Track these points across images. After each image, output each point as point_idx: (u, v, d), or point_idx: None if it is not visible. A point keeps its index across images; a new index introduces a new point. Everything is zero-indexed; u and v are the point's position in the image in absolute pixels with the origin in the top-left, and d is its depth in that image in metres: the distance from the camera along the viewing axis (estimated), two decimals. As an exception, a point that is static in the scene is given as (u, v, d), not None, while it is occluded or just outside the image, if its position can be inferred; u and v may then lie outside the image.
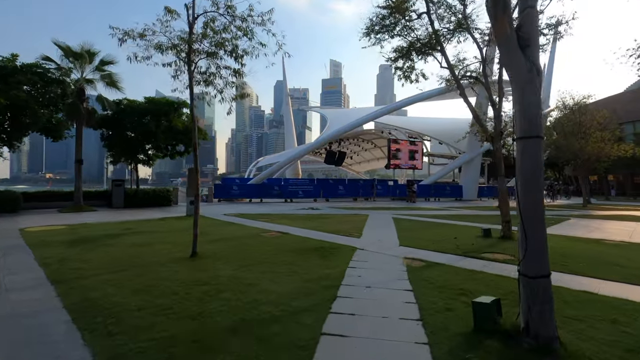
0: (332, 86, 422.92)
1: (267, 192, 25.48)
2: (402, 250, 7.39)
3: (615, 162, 23.41)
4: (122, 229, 9.81)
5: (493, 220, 13.65)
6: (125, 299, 4.16)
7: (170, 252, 6.77)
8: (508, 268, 5.89)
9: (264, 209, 17.46)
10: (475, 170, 30.10)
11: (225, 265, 5.76)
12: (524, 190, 2.87)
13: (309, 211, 16.51)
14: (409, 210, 17.99)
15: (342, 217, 14.00)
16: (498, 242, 8.44)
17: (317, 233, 9.49)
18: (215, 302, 4.07)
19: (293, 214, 14.74)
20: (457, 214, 16.63)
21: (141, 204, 18.54)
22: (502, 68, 8.79)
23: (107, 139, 20.12)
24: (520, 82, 2.83)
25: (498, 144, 8.57)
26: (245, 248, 7.22)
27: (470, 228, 11.14)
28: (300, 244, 7.82)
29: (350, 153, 50.90)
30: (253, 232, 9.41)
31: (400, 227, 10.97)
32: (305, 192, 26.23)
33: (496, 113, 8.65)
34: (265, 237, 8.63)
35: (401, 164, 36.94)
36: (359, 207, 20.08)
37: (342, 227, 10.72)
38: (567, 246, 8.12)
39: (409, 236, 9.15)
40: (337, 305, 4.04)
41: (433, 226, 11.58)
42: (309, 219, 13.02)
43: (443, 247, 7.69)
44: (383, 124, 45.17)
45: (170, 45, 5.89)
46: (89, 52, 17.08)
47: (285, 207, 18.87)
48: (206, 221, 11.84)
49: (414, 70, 9.72)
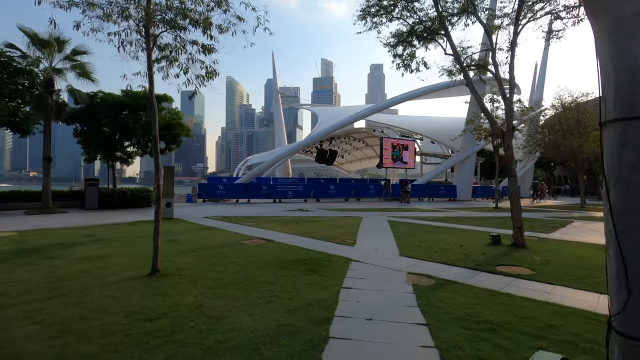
0: (324, 85, 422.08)
1: (255, 192, 24.29)
2: (404, 262, 6.37)
3: None
4: (81, 236, 8.57)
5: (495, 223, 12.77)
6: (41, 346, 3.02)
7: (126, 268, 5.60)
8: (535, 287, 4.90)
9: (250, 211, 16.30)
10: (469, 169, 29.39)
11: (191, 287, 4.64)
12: (624, 200, 1.83)
13: (298, 213, 15.41)
14: (404, 212, 17.03)
15: (334, 220, 12.95)
16: (510, 251, 7.48)
17: (306, 240, 8.42)
18: (161, 351, 2.95)
19: (281, 217, 13.62)
20: (455, 216, 15.73)
21: (118, 205, 17.18)
22: (513, 56, 7.85)
23: (81, 134, 18.70)
24: (619, 25, 1.79)
25: (509, 140, 7.61)
26: (219, 261, 6.09)
27: (474, 233, 10.19)
28: (285, 254, 6.72)
29: (341, 152, 49.93)
30: (233, 240, 8.28)
31: (397, 232, 9.96)
32: (295, 192, 25.11)
33: (507, 105, 7.68)
34: (246, 246, 7.51)
35: (393, 163, 36.09)
36: (351, 208, 19.06)
37: (334, 233, 9.66)
38: (596, 257, 7.19)
39: (409, 243, 8.14)
40: (330, 353, 2.96)
41: (433, 231, 10.60)
42: (298, 222, 11.93)
43: (450, 257, 6.70)
44: (375, 123, 44.37)
45: (121, 11, 4.70)
46: (58, 40, 15.63)
47: (273, 209, 17.73)
48: (183, 226, 10.64)
49: (414, 59, 8.72)
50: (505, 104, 7.74)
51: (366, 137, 48.21)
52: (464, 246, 7.86)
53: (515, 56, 7.74)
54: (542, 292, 4.75)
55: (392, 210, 17.67)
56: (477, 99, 8.20)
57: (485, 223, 12.80)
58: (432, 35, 8.17)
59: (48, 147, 16.06)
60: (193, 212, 15.41)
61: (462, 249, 7.60)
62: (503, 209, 19.96)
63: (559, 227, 12.33)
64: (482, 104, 8.18)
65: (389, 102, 28.10)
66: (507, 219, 14.54)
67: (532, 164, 39.14)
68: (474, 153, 29.18)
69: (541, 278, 5.40)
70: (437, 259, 6.54)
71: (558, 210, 20.55)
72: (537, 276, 5.51)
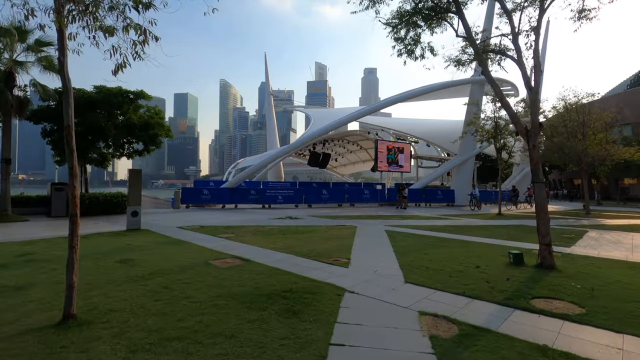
0: (318, 89, 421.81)
1: (243, 196, 22.76)
2: (412, 292, 4.97)
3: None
4: (15, 254, 7.02)
5: (504, 233, 11.44)
6: None
7: (39, 309, 4.11)
8: (598, 339, 3.52)
9: (233, 218, 14.80)
10: (467, 173, 28.22)
11: (108, 348, 3.17)
12: None
13: (286, 222, 13.96)
14: (401, 220, 15.67)
15: (325, 230, 11.52)
16: (539, 274, 6.11)
17: (290, 259, 6.98)
18: None
19: (266, 227, 12.15)
20: (459, 224, 14.41)
21: (89, 211, 15.56)
22: (538, 38, 6.54)
23: (49, 134, 17.08)
24: None
25: (535, 139, 6.27)
26: (171, 296, 4.63)
27: (486, 247, 8.83)
28: (260, 283, 5.28)
29: (335, 155, 48.57)
30: (201, 259, 6.80)
31: (398, 247, 8.56)
32: (285, 197, 23.65)
33: (532, 97, 6.35)
34: (214, 270, 6.04)
35: (388, 167, 34.83)
36: (345, 214, 17.66)
37: (325, 248, 8.24)
38: None
39: (414, 263, 6.74)
40: None
41: (438, 244, 9.23)
42: (284, 233, 10.47)
43: (469, 285, 5.31)
44: (369, 125, 43.19)
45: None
46: (20, 29, 14.05)
47: (260, 216, 16.25)
48: (148, 239, 9.12)
49: (419, 43, 7.38)
50: (530, 95, 6.41)
51: (360, 140, 46.96)
52: (480, 267, 6.49)
53: (539, 37, 6.43)
54: (611, 347, 3.38)
55: (388, 218, 16.29)
56: (497, 90, 6.82)
57: (494, 234, 11.48)
58: (441, 14, 6.84)
59: (7, 146, 14.44)
60: (169, 220, 13.86)
61: (480, 271, 6.23)
62: (507, 216, 18.71)
63: (576, 238, 11.07)
64: (501, 96, 6.82)
65: (384, 102, 26.81)
66: (516, 229, 13.31)
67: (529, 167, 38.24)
68: (472, 156, 28.04)
69: (597, 320, 4.04)
70: (454, 288, 5.16)
71: (562, 216, 19.37)
72: (590, 317, 4.14)
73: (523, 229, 13.06)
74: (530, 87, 6.32)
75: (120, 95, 16.03)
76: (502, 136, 18.72)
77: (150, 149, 18.06)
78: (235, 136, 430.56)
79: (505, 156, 19.04)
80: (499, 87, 6.83)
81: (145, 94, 16.63)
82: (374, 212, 20.14)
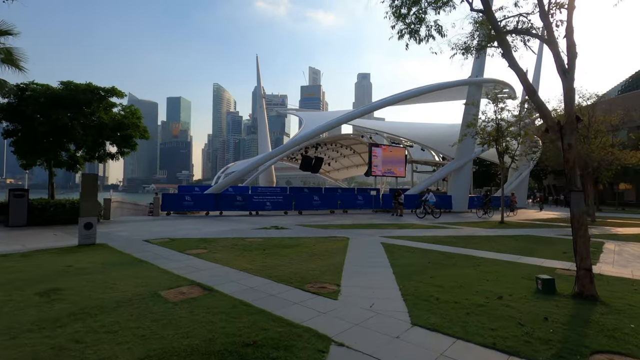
0: (311, 93, 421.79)
1: (228, 203, 21.28)
2: (423, 342, 3.60)
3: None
4: None
5: (515, 246, 10.10)
6: None
7: None
8: None
9: (213, 228, 13.32)
10: (465, 178, 27.06)
11: None
12: None
13: (271, 232, 12.53)
14: (399, 229, 14.34)
15: (313, 243, 10.12)
16: (582, 309, 4.78)
17: (266, 287, 5.57)
18: None
19: (246, 239, 10.71)
20: (462, 234, 13.11)
21: (53, 220, 14.02)
22: (572, 14, 5.28)
23: (12, 134, 15.47)
24: None
25: (572, 137, 4.99)
26: (71, 357, 3.20)
27: (502, 266, 7.50)
28: (215, 329, 3.85)
29: (328, 159, 47.29)
30: (151, 288, 5.36)
31: (398, 267, 7.20)
32: (274, 204, 22.21)
33: (567, 85, 5.06)
34: (161, 306, 4.60)
35: (383, 171, 33.61)
36: (337, 223, 16.28)
37: (310, 269, 6.85)
38: None
39: (419, 292, 5.38)
40: None
41: (445, 262, 7.89)
42: (265, 248, 9.05)
43: (496, 330, 3.95)
44: (363, 128, 42.07)
45: None
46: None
47: (244, 225, 14.80)
48: (98, 258, 7.63)
49: (423, 22, 6.09)
50: (564, 83, 5.13)
51: (354, 144, 45.76)
52: (504, 297, 5.15)
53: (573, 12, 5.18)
54: None
55: (384, 227, 14.94)
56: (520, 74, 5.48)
57: (503, 247, 10.19)
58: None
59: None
60: (139, 231, 12.35)
61: (505, 303, 4.89)
62: (511, 224, 17.49)
63: (596, 251, 9.79)
64: (525, 82, 5.52)
65: (377, 103, 25.43)
66: (525, 240, 11.98)
67: (527, 172, 37.28)
68: (470, 160, 26.91)
69: None
70: (478, 335, 3.80)
71: (567, 224, 18.20)
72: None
73: (532, 240, 11.81)
74: (564, 72, 5.05)
75: (89, 91, 14.49)
76: (504, 139, 17.56)
77: (124, 152, 16.51)
78: (228, 140, 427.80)
79: (507, 160, 17.84)
80: (522, 72, 5.54)
81: (118, 91, 15.12)
82: (368, 219, 18.79)
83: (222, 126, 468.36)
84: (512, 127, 17.28)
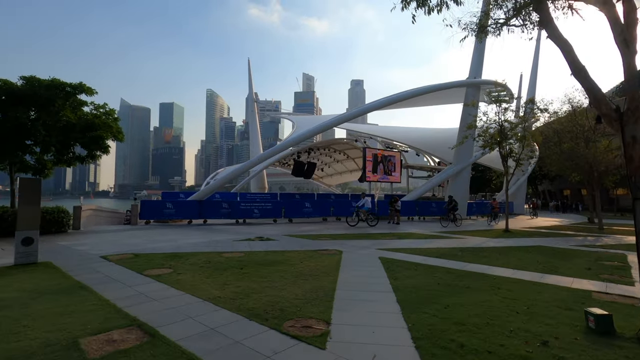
0: (305, 99, 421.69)
1: (214, 210, 19.80)
2: None
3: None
4: None
5: (529, 261, 8.79)
6: None
7: None
8: None
9: (190, 240, 11.86)
10: (464, 183, 25.90)
11: None
12: None
13: (254, 245, 11.12)
14: (397, 240, 13.02)
15: (300, 259, 8.74)
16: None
17: (231, 326, 4.19)
18: None
19: (223, 254, 9.29)
20: (468, 245, 11.83)
21: (12, 232, 12.44)
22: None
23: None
24: None
25: (637, 128, 3.74)
26: None
27: (529, 289, 6.18)
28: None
29: (321, 164, 45.95)
30: (74, 331, 3.94)
31: (402, 291, 5.85)
32: (262, 211, 20.76)
33: (630, 58, 3.80)
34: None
35: (377, 177, 32.37)
36: (329, 233, 14.91)
37: (293, 295, 5.47)
38: None
39: (435, 332, 4.04)
40: None
41: (457, 282, 6.56)
42: (243, 267, 7.64)
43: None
44: (357, 133, 40.95)
45: None
46: None
47: (226, 235, 13.35)
48: (34, 281, 6.15)
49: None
50: (625, 57, 3.83)
51: (347, 149, 44.58)
52: (550, 343, 3.83)
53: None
54: None
55: (381, 237, 13.61)
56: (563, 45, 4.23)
57: (520, 262, 8.91)
58: None
59: None
60: (104, 243, 10.84)
61: (553, 354, 3.57)
62: (516, 233, 16.26)
63: (624, 267, 8.57)
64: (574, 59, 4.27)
65: (370, 105, 24.20)
66: (540, 252, 10.23)
67: (525, 177, 36.35)
68: (469, 165, 25.79)
69: None
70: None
71: (575, 233, 17.06)
72: None
73: (547, 253, 10.55)
74: (626, 42, 3.82)
75: (53, 87, 13.01)
76: (507, 141, 16.43)
77: (95, 155, 15.00)
78: (221, 146, 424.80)
79: (512, 164, 16.69)
80: (568, 44, 4.31)
81: (87, 88, 13.66)
82: (363, 228, 17.46)
83: (216, 132, 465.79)
84: (518, 127, 16.15)
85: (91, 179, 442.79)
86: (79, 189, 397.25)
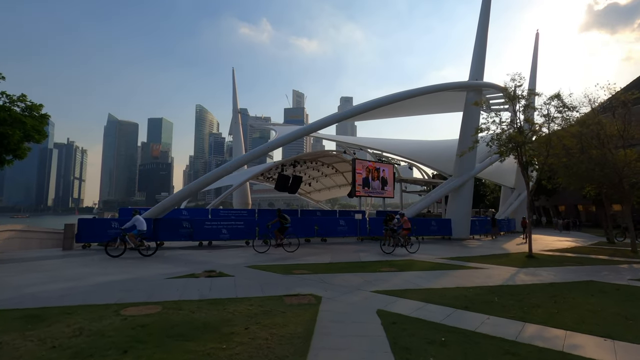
0: (295, 115, 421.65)
1: (171, 230, 16.21)
2: None
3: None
4: None
5: (600, 311, 5.60)
6: None
7: None
8: None
9: (98, 278, 8.29)
10: (466, 199, 22.83)
11: None
12: None
13: (190, 288, 7.62)
14: (399, 273, 9.67)
15: (247, 320, 5.34)
16: None
17: None
18: None
19: (123, 312, 5.82)
20: (497, 282, 8.53)
21: None
22: None
23: None
24: None
25: None
26: None
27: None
28: None
29: (308, 179, 42.64)
30: None
31: None
32: (232, 231, 17.25)
33: None
34: None
35: (368, 191, 29.18)
36: (308, 262, 11.52)
37: None
38: None
39: None
40: None
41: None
42: (129, 348, 4.20)
43: None
44: (346, 144, 38.06)
45: None
46: None
47: (162, 268, 9.80)
48: None
49: None
50: None
51: (336, 162, 41.45)
52: None
53: None
54: None
55: (376, 269, 10.22)
56: None
57: (598, 317, 5.66)
58: None
59: None
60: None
61: None
62: (542, 259, 13.08)
63: None
64: None
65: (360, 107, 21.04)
66: (605, 295, 6.67)
67: (525, 193, 33.64)
68: (472, 177, 22.83)
69: None
70: None
71: (604, 256, 14.01)
72: None
73: (615, 295, 7.28)
74: None
75: None
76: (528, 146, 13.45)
77: (4, 160, 11.44)
78: (210, 162, 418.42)
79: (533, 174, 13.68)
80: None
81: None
82: (353, 253, 14.10)
83: (204, 147, 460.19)
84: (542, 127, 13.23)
85: (75, 194, 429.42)
86: (63, 205, 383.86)
